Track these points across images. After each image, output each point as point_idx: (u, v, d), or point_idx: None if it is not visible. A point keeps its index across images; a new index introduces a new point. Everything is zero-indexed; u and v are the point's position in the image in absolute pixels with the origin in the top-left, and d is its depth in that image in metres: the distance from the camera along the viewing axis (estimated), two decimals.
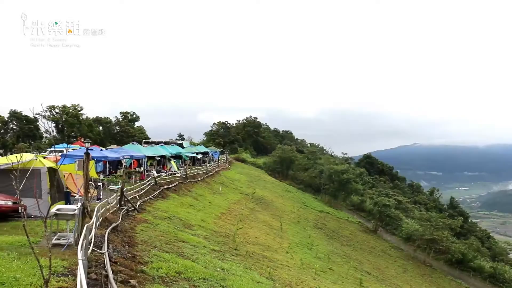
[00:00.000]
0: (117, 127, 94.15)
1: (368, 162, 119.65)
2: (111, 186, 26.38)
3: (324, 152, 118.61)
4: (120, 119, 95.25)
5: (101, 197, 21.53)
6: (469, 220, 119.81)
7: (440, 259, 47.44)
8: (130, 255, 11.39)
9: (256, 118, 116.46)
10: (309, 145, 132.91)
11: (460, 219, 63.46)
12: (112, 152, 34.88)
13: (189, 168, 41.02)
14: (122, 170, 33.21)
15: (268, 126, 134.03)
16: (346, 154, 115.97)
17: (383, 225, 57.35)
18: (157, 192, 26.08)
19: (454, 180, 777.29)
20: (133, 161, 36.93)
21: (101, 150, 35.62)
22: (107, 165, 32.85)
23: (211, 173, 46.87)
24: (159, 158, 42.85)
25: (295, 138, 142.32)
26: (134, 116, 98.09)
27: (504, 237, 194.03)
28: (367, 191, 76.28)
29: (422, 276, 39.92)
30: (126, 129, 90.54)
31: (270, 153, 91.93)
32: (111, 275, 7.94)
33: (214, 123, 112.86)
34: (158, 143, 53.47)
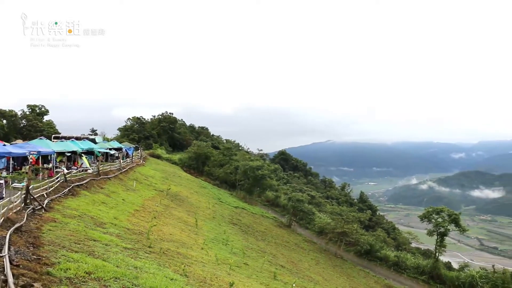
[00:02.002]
0: (23, 121, 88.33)
1: (283, 158, 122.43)
2: (15, 184, 24.86)
3: (240, 148, 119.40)
4: (27, 113, 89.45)
5: (3, 195, 20.17)
6: (377, 213, 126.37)
7: (350, 250, 49.48)
8: (35, 256, 10.71)
9: (172, 113, 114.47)
10: (225, 141, 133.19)
11: (368, 213, 66.71)
12: (17, 147, 32.76)
13: (101, 164, 39.49)
14: (27, 167, 31.38)
15: (184, 122, 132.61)
16: (261, 150, 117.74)
17: (297, 220, 58.73)
18: (66, 189, 24.84)
19: (364, 176, 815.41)
20: (37, 157, 34.85)
21: (4, 145, 33.30)
22: (11, 161, 30.91)
23: (125, 169, 45.40)
24: (69, 154, 40.89)
25: (211, 134, 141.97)
26: (42, 109, 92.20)
27: (407, 228, 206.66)
28: (282, 186, 77.90)
29: (333, 267, 41.40)
30: (33, 123, 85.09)
31: (186, 149, 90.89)
32: (10, 280, 7.40)
33: (128, 118, 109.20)
34: (68, 138, 50.78)
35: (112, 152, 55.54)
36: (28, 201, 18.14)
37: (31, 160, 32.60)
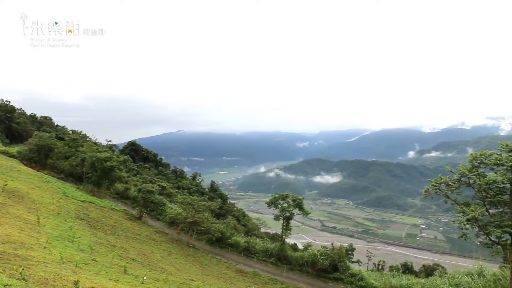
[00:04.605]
0: None
1: (133, 149, 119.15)
2: None
3: (87, 139, 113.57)
4: None
5: None
6: (228, 201, 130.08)
7: (202, 239, 49.92)
8: None
9: (9, 101, 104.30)
10: (71, 132, 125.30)
11: (219, 201, 68.11)
12: None
13: None
14: None
15: (24, 111, 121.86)
16: (110, 141, 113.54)
17: (148, 211, 57.68)
18: None
19: (214, 165, 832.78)
20: None
21: None
22: None
23: None
24: None
25: (56, 124, 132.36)
26: None
27: (256, 214, 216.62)
28: (132, 178, 75.89)
29: (186, 256, 41.46)
30: None
31: (26, 141, 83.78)
32: None
33: None
34: None
35: None
36: None
37: None
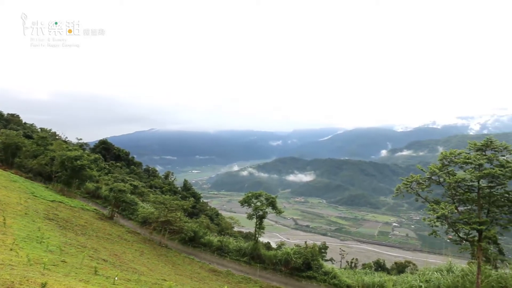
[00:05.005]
0: None
1: (104, 148, 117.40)
2: None
3: (57, 137, 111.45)
4: None
5: None
6: (201, 200, 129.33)
7: (175, 239, 49.57)
8: None
9: None
10: (39, 130, 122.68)
11: (192, 200, 67.68)
12: None
13: None
14: None
15: None
16: (81, 139, 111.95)
17: (120, 211, 57.01)
18: None
19: (187, 164, 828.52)
20: None
21: None
22: None
23: None
24: None
25: (24, 122, 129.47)
26: None
27: (230, 213, 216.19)
28: (103, 177, 74.81)
29: (158, 256, 41.08)
30: None
31: None
32: None
33: None
34: None
35: None
36: None
37: None
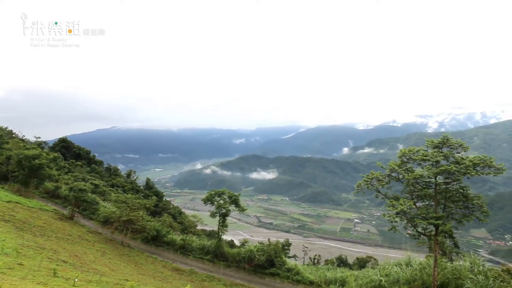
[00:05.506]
0: None
1: (64, 146, 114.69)
2: None
3: (14, 136, 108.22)
4: None
5: None
6: (164, 199, 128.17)
7: (137, 238, 49.07)
8: None
9: None
10: None
11: (154, 199, 67.03)
12: None
13: None
14: None
15: None
16: (39, 138, 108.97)
17: (80, 211, 55.98)
18: None
19: (150, 162, 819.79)
20: None
21: None
22: None
23: None
24: None
25: None
26: None
27: (193, 211, 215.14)
28: (63, 176, 73.25)
29: (120, 256, 40.56)
30: None
31: None
32: None
33: None
34: None
35: None
36: None
37: None
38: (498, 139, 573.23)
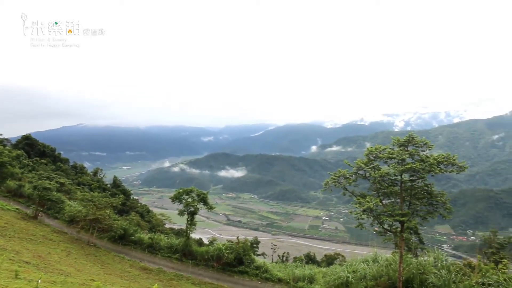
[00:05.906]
0: None
1: (28, 144, 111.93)
2: None
3: None
4: None
5: None
6: (131, 197, 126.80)
7: (104, 237, 48.32)
8: None
9: None
10: None
11: (122, 197, 66.19)
12: None
13: None
14: None
15: None
16: (1, 135, 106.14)
17: (45, 210, 54.76)
18: None
19: (117, 160, 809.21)
20: None
21: None
22: None
23: None
24: None
25: None
26: None
27: (161, 210, 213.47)
28: (27, 174, 71.58)
29: (86, 256, 39.85)
30: None
31: None
32: None
33: None
34: None
35: None
36: None
37: None
38: (461, 138, 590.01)
